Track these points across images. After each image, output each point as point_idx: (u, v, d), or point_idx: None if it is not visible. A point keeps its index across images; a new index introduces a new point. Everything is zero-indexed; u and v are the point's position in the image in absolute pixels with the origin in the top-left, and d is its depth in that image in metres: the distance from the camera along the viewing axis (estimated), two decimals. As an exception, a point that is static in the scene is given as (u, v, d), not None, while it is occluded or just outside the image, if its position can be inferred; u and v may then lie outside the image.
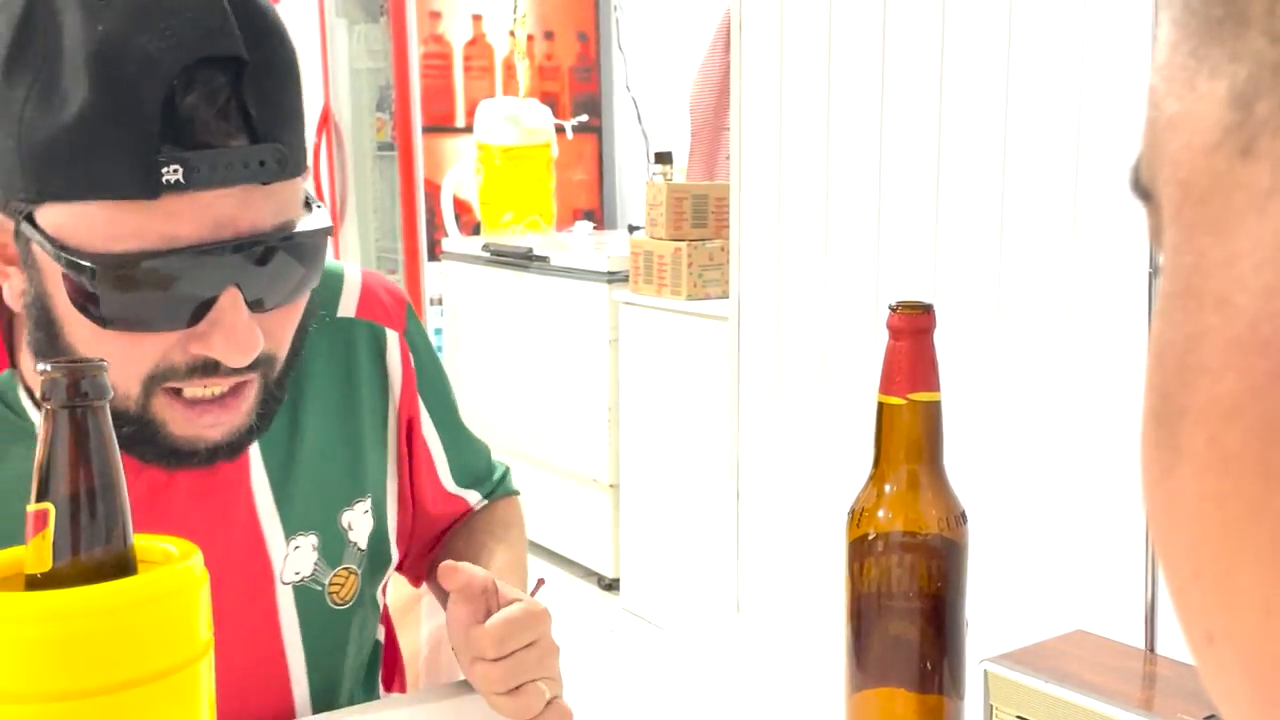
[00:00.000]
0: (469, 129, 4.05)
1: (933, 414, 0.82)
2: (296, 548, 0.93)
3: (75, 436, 0.55)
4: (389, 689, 1.15)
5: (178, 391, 0.80)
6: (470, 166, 4.03)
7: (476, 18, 4.23)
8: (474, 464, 1.12)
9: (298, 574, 0.94)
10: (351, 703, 1.03)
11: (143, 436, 0.80)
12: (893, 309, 0.82)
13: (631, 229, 3.64)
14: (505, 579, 0.94)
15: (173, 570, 0.58)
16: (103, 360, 0.57)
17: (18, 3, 0.73)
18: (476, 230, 4.05)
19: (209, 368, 0.79)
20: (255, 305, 0.78)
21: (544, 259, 3.36)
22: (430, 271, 4.06)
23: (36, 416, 0.85)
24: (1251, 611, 0.22)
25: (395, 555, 1.04)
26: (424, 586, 1.16)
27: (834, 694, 0.87)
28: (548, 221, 3.93)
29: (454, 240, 3.92)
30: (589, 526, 3.30)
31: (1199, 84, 0.23)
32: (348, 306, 0.99)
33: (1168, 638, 0.79)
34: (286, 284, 0.80)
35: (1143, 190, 0.27)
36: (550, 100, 4.13)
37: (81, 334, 0.78)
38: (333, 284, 0.98)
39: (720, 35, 3.11)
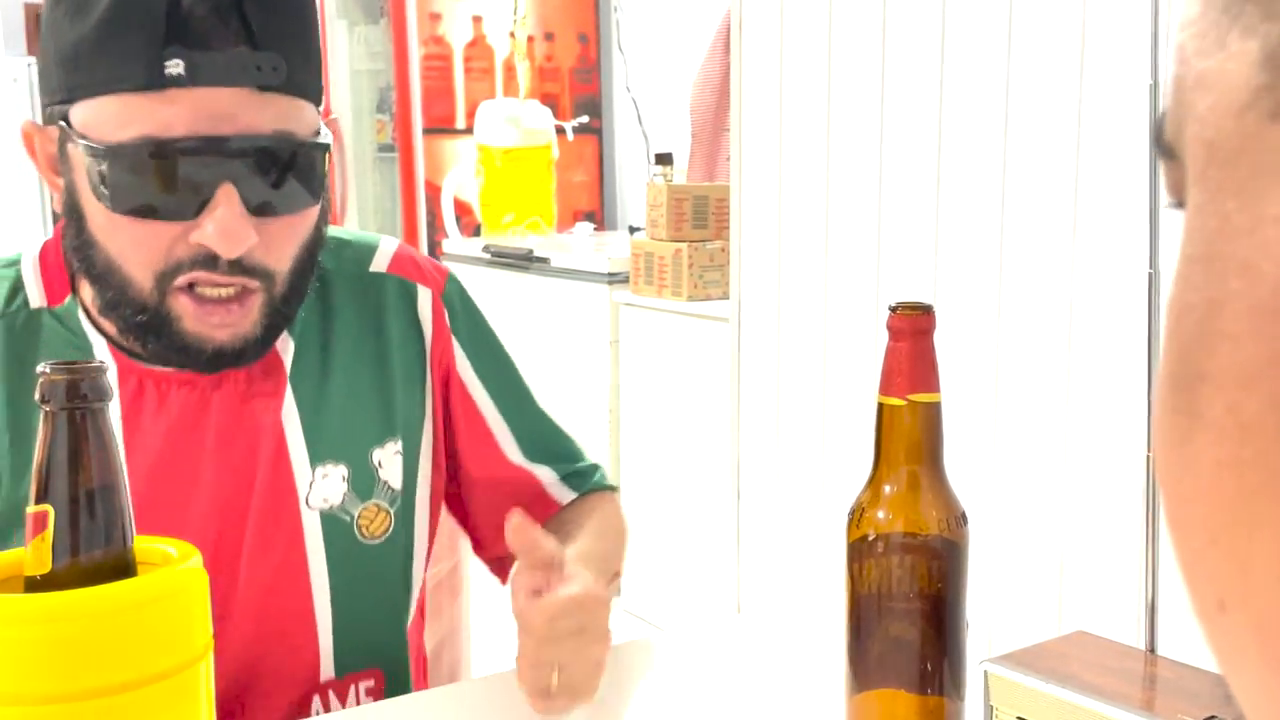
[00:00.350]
0: (469, 130, 4.05)
1: (933, 415, 0.82)
2: (325, 476, 0.98)
3: (75, 438, 0.55)
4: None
5: (190, 290, 0.86)
6: (471, 168, 4.03)
7: (477, 19, 4.23)
8: (548, 440, 1.14)
9: (325, 501, 0.98)
10: (375, 656, 1.04)
11: (154, 328, 0.87)
12: (893, 310, 0.82)
13: (632, 230, 3.64)
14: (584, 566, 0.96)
15: (172, 572, 0.58)
16: (102, 363, 0.57)
17: None
18: (477, 231, 4.05)
19: (210, 262, 0.85)
20: (254, 208, 0.85)
21: (544, 260, 3.36)
22: (431, 273, 4.06)
23: (95, 338, 0.93)
24: (1266, 578, 0.22)
25: (428, 510, 1.06)
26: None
27: (834, 695, 0.87)
28: (548, 223, 3.93)
29: (454, 241, 3.92)
30: (590, 528, 3.29)
31: (1230, 42, 0.23)
32: (379, 264, 1.05)
33: (1168, 638, 0.78)
34: (280, 192, 0.86)
35: (1166, 148, 0.26)
36: (550, 101, 4.13)
37: (99, 223, 0.85)
38: (367, 246, 1.06)
39: (720, 36, 3.11)
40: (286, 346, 0.99)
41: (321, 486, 0.98)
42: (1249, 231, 0.22)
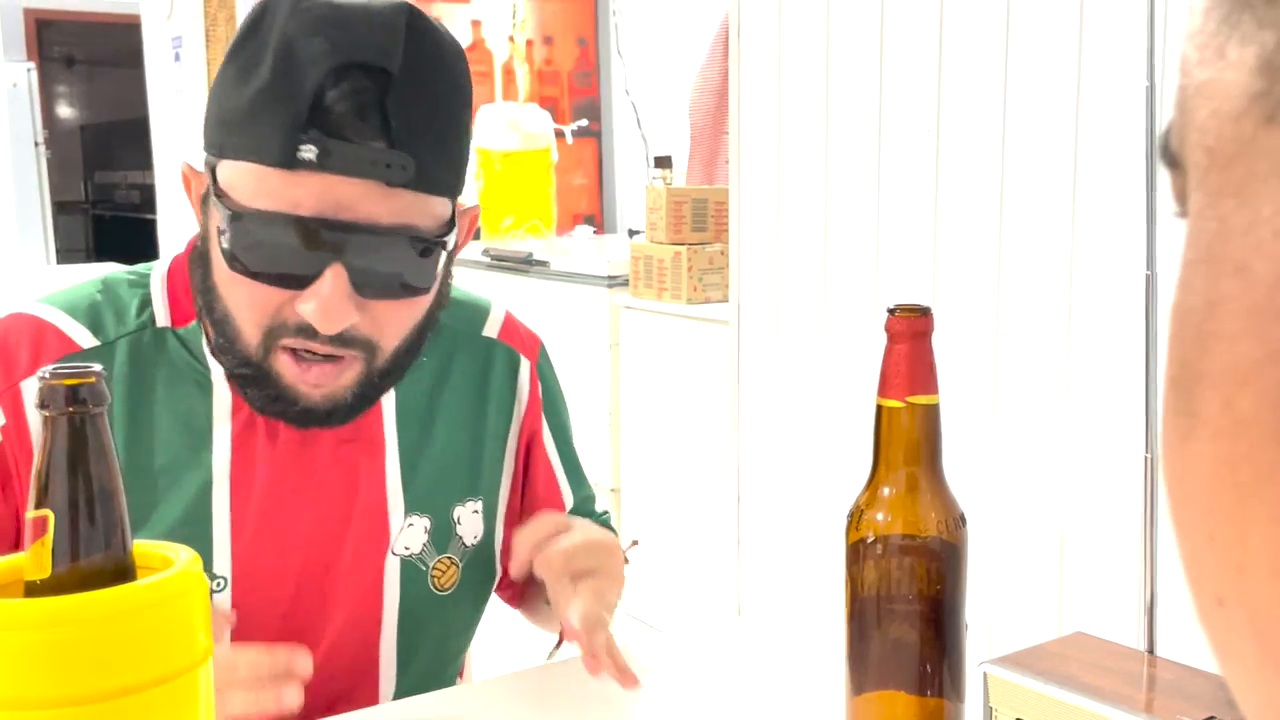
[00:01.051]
0: (469, 134, 4.05)
1: (931, 417, 0.82)
2: (410, 525, 1.03)
3: (74, 444, 0.55)
4: None
5: (293, 351, 0.92)
6: (470, 171, 4.03)
7: (475, 23, 4.23)
8: (584, 505, 1.22)
9: (407, 549, 1.03)
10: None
11: (256, 379, 0.93)
12: (891, 312, 0.82)
13: (631, 233, 3.64)
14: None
15: (172, 576, 0.58)
16: (100, 368, 0.57)
17: (258, 6, 0.90)
18: (477, 235, 4.05)
19: (310, 331, 0.90)
20: (359, 288, 0.89)
21: (544, 263, 3.37)
22: (430, 276, 4.07)
23: (215, 366, 0.98)
24: (1262, 575, 0.23)
25: (499, 568, 1.12)
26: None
27: (835, 697, 0.87)
28: (548, 226, 3.93)
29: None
30: (590, 531, 3.29)
31: (1229, 51, 0.23)
32: (491, 329, 1.13)
33: (1167, 639, 0.79)
34: (389, 278, 0.91)
35: (1171, 158, 0.26)
36: (550, 105, 4.13)
37: (221, 276, 0.92)
38: (480, 309, 1.14)
39: (719, 39, 3.11)
40: (388, 398, 1.04)
41: (407, 534, 1.04)
42: (1244, 233, 0.23)
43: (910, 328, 0.81)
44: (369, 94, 0.85)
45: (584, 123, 4.24)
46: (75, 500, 0.56)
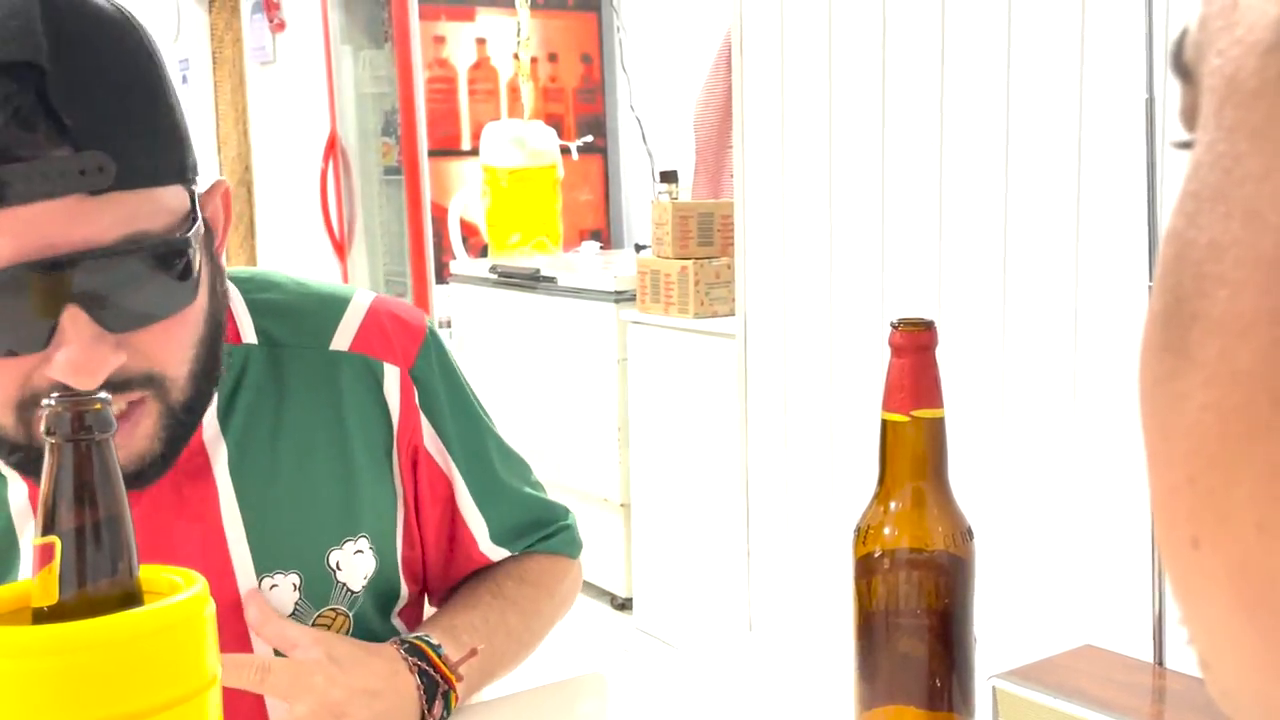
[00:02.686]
0: (475, 152, 4.07)
1: (937, 430, 0.82)
2: (274, 586, 0.90)
3: (80, 470, 0.56)
4: None
5: None
6: (476, 189, 4.04)
7: (480, 41, 4.25)
8: (515, 520, 1.06)
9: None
10: None
11: (33, 464, 0.77)
12: (894, 326, 0.82)
13: (638, 248, 3.65)
14: (485, 637, 0.95)
15: (179, 602, 0.58)
16: (107, 394, 0.57)
17: None
18: (484, 252, 4.06)
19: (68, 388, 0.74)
20: (108, 325, 0.75)
21: (551, 279, 3.37)
22: (438, 294, 4.08)
23: (7, 472, 0.85)
24: (1245, 526, 0.23)
25: (405, 592, 1.00)
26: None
27: (845, 712, 0.86)
28: (554, 242, 3.94)
29: (461, 262, 3.93)
30: (601, 546, 3.29)
31: None
32: (341, 340, 0.95)
33: (1177, 652, 0.78)
34: (142, 298, 0.76)
35: (1184, 68, 0.25)
36: (555, 121, 4.15)
37: None
38: (331, 313, 0.96)
39: (723, 54, 3.12)
40: (216, 446, 0.89)
41: (270, 597, 0.90)
42: (1259, 178, 0.22)
43: (914, 341, 0.81)
44: (26, 97, 0.69)
45: (589, 139, 4.25)
46: (81, 526, 0.56)
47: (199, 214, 0.80)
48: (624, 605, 3.28)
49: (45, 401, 0.56)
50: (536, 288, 3.42)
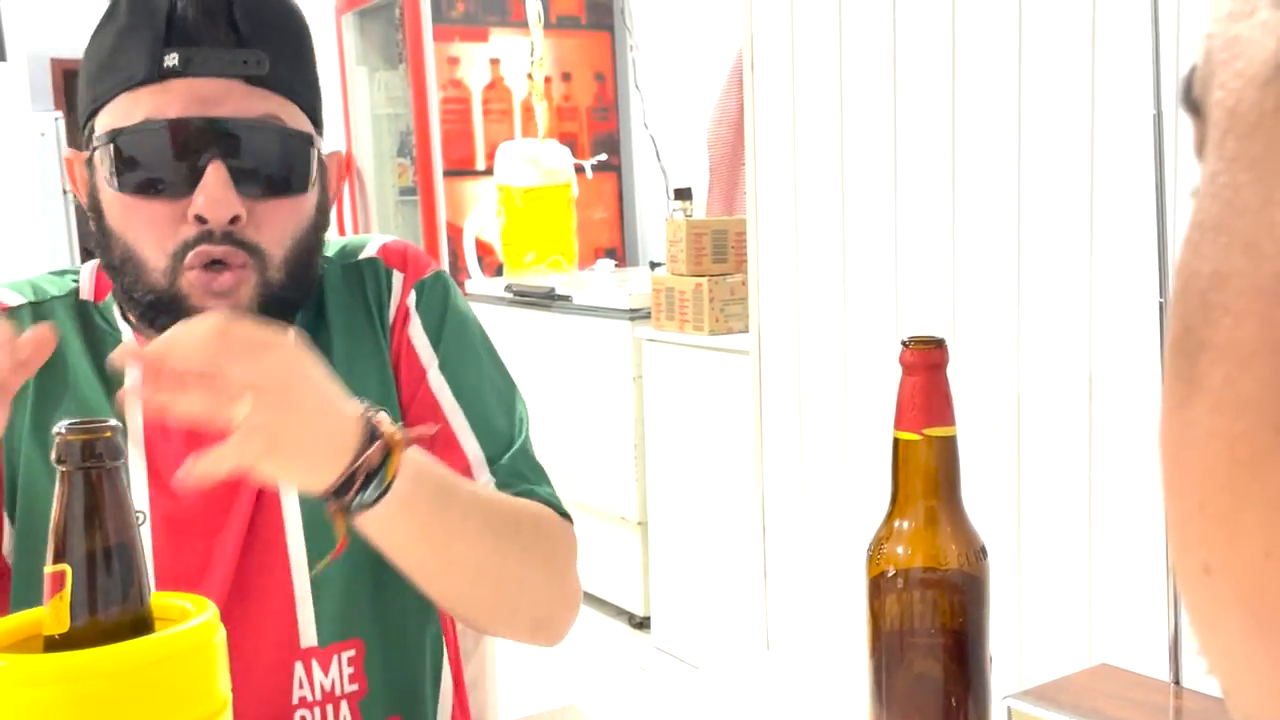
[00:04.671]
0: (489, 171, 4.08)
1: (949, 448, 0.82)
2: None
3: (90, 498, 0.56)
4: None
5: (193, 269, 0.95)
6: (491, 208, 4.06)
7: (494, 62, 4.27)
8: (497, 450, 1.08)
9: None
10: (355, 626, 1.03)
11: (166, 305, 0.95)
12: (905, 344, 0.81)
13: (653, 266, 3.65)
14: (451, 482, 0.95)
15: (190, 629, 0.58)
16: (116, 422, 0.58)
17: None
18: (499, 271, 4.07)
19: (207, 235, 0.93)
20: (240, 186, 0.94)
21: (566, 298, 3.38)
22: (454, 313, 4.08)
23: (125, 329, 1.03)
24: (1253, 552, 0.23)
25: None
26: None
27: (858, 733, 0.86)
28: (569, 260, 3.94)
29: (477, 282, 3.94)
30: (618, 564, 3.29)
31: (1261, 11, 0.23)
32: (370, 250, 1.12)
33: (1193, 671, 0.78)
34: (267, 170, 0.96)
35: (1193, 104, 0.26)
36: (569, 140, 4.16)
37: (116, 212, 0.96)
38: (362, 241, 1.13)
39: (736, 72, 3.13)
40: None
41: None
42: (1257, 209, 0.22)
43: (925, 360, 0.81)
44: (215, 0, 0.93)
45: (603, 157, 4.26)
46: (92, 554, 0.56)
47: (319, 148, 1.00)
48: (641, 624, 3.27)
49: (55, 430, 0.56)
50: (552, 306, 3.43)
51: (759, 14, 2.12)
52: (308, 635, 1.01)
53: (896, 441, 0.82)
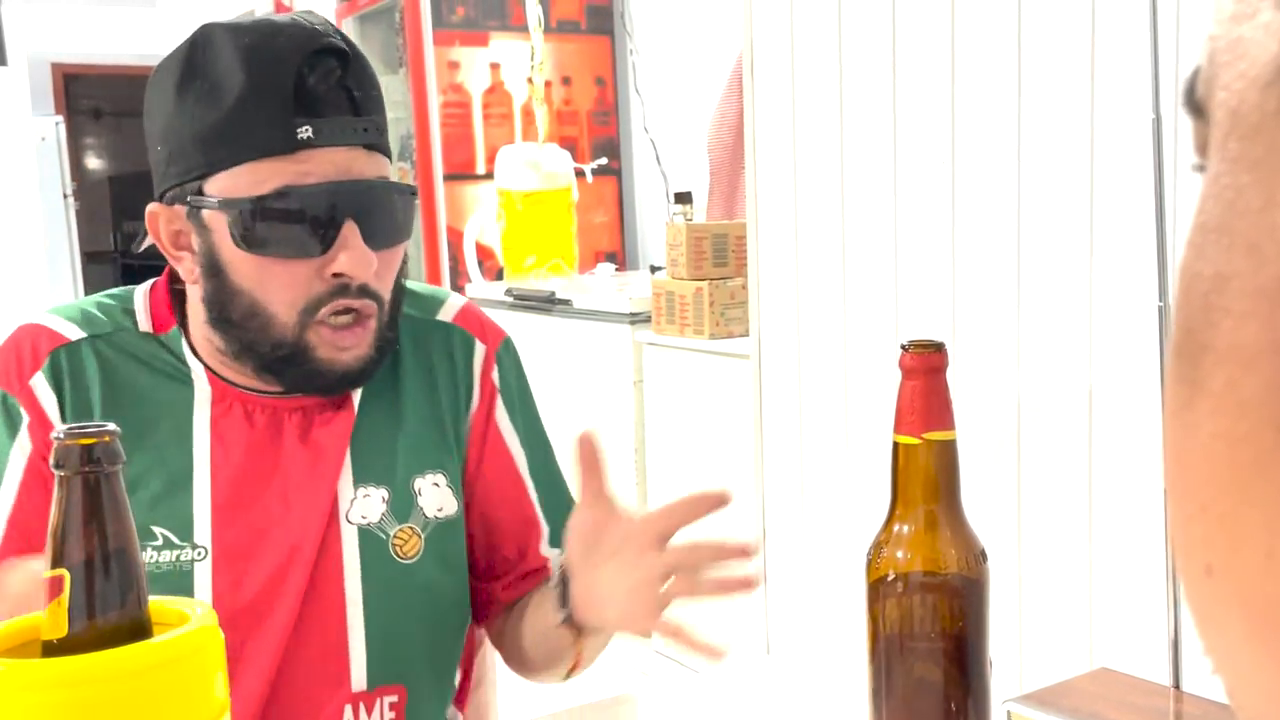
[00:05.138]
0: (489, 175, 4.08)
1: (948, 452, 0.82)
2: (366, 495, 1.09)
3: (89, 503, 0.56)
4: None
5: (325, 322, 1.02)
6: (492, 212, 4.06)
7: (494, 66, 4.27)
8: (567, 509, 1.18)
9: (364, 518, 1.08)
10: (402, 672, 1.10)
11: (291, 359, 1.03)
12: (904, 348, 0.82)
13: (653, 269, 3.65)
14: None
15: (188, 633, 0.58)
16: (115, 427, 0.58)
17: (183, 46, 1.02)
18: (499, 275, 4.07)
19: (344, 290, 1.01)
20: (369, 239, 1.01)
21: (566, 302, 3.38)
22: (455, 317, 4.08)
23: (194, 363, 1.07)
24: (1254, 553, 0.23)
25: (466, 555, 1.16)
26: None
27: (858, 738, 0.86)
28: (570, 264, 3.94)
29: (477, 286, 3.94)
30: (619, 568, 3.28)
31: (1263, 13, 0.23)
32: (447, 314, 1.18)
33: (1193, 674, 0.77)
34: (389, 225, 1.04)
35: (1196, 106, 0.26)
36: (569, 144, 4.16)
37: (245, 270, 1.01)
38: (437, 298, 1.20)
39: (735, 76, 3.13)
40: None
41: (361, 504, 1.08)
42: (1259, 211, 0.22)
43: (924, 364, 0.81)
44: (336, 71, 1.00)
45: (604, 161, 4.26)
46: (91, 559, 0.56)
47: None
48: (642, 628, 3.26)
49: (53, 435, 0.56)
50: (552, 310, 3.43)
51: (759, 18, 2.12)
52: (358, 679, 1.07)
53: (896, 445, 0.82)
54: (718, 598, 0.99)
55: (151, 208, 1.05)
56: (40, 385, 1.04)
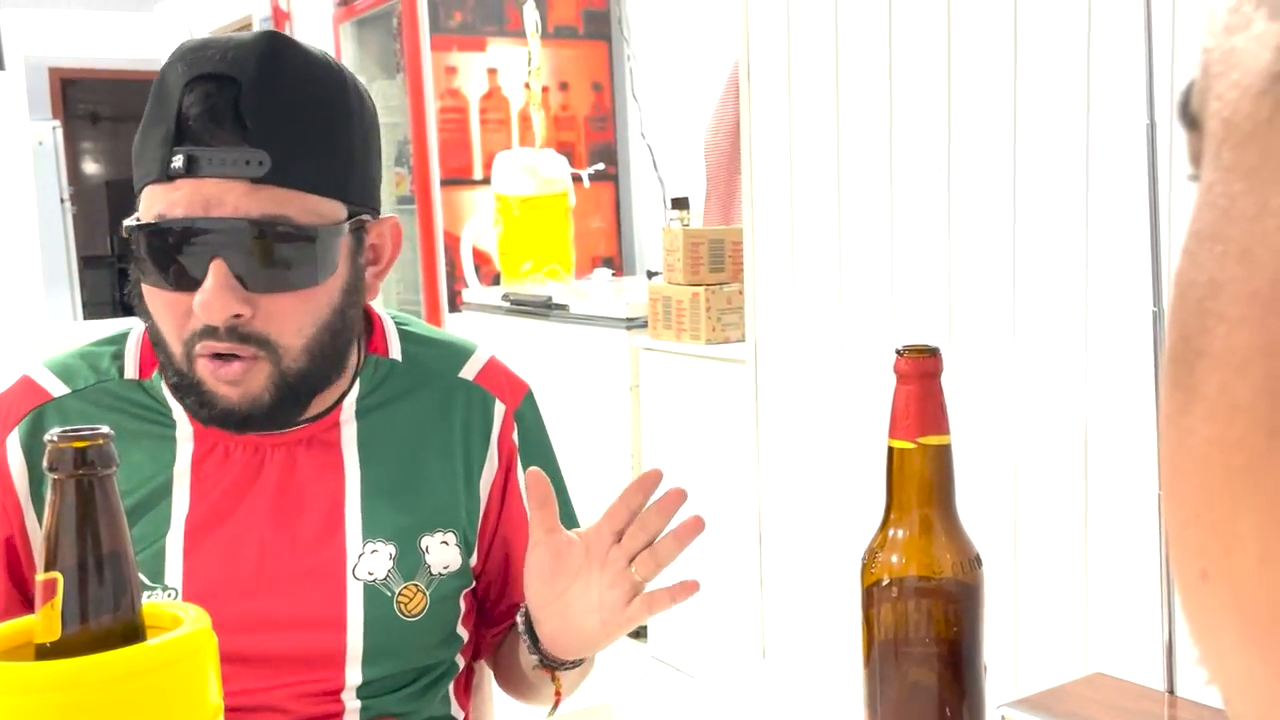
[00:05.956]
0: (487, 181, 4.08)
1: (943, 457, 0.82)
2: (373, 551, 1.07)
3: (82, 506, 0.56)
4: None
5: (208, 355, 0.99)
6: (489, 217, 4.06)
7: (492, 71, 4.27)
8: None
9: (370, 574, 1.06)
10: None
11: (186, 388, 1.01)
12: (899, 353, 0.82)
13: (650, 275, 3.65)
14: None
15: (182, 636, 0.58)
16: (108, 430, 0.58)
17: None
18: (496, 280, 4.07)
19: (211, 330, 0.97)
20: (244, 281, 0.97)
21: (563, 307, 3.38)
22: (451, 322, 4.09)
23: (175, 405, 1.06)
24: (1248, 558, 0.23)
25: (463, 606, 1.14)
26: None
27: (853, 742, 0.86)
28: (566, 270, 3.94)
29: (474, 291, 3.94)
30: (615, 574, 3.28)
31: (1256, 24, 0.23)
32: (469, 371, 1.16)
33: (1188, 679, 0.77)
34: (272, 269, 0.98)
35: (1191, 117, 0.26)
36: (566, 150, 4.16)
37: (147, 295, 1.00)
38: (461, 352, 1.17)
39: (732, 81, 3.13)
40: (349, 426, 1.10)
41: (369, 560, 1.07)
42: (1252, 218, 0.23)
43: (919, 368, 0.81)
44: (219, 99, 0.95)
45: (601, 166, 4.27)
46: (84, 562, 0.56)
47: (352, 229, 1.02)
48: (638, 633, 3.26)
49: (47, 438, 0.56)
50: (549, 315, 3.43)
51: (755, 24, 2.12)
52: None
53: (891, 450, 0.82)
54: (679, 552, 1.01)
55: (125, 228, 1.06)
56: (12, 444, 1.04)
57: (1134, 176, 1.51)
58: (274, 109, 0.96)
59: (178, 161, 0.95)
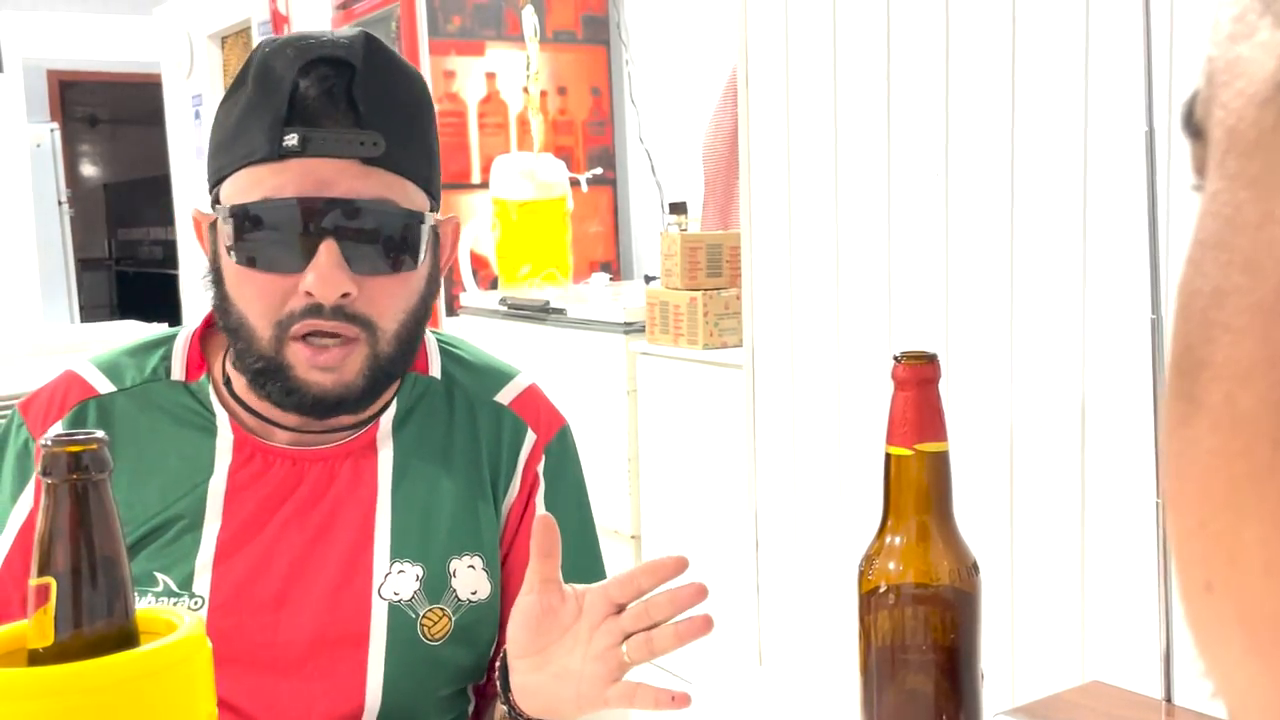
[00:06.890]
0: (484, 185, 4.08)
1: (940, 464, 0.82)
2: (400, 571, 1.06)
3: (76, 511, 0.56)
4: None
5: (303, 339, 0.99)
6: (486, 221, 4.06)
7: (490, 75, 4.27)
8: None
9: (396, 594, 1.06)
10: None
11: (271, 373, 1.00)
12: (897, 360, 0.81)
13: (647, 279, 3.65)
14: None
15: (175, 642, 0.58)
16: (103, 434, 0.57)
17: (246, 61, 1.02)
18: (494, 284, 4.07)
19: (317, 309, 0.97)
20: (352, 264, 0.97)
21: (561, 311, 3.38)
22: (448, 326, 4.08)
23: (219, 411, 1.06)
24: (1253, 568, 0.23)
25: (495, 634, 1.12)
26: None
27: (850, 750, 0.86)
28: (564, 274, 3.94)
29: (472, 295, 3.94)
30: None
31: (1261, 32, 0.23)
32: (506, 396, 1.16)
33: (1185, 688, 0.77)
34: (376, 251, 0.99)
35: (1195, 127, 0.26)
36: (564, 154, 4.16)
37: (232, 280, 1.00)
38: (501, 376, 1.17)
39: (731, 86, 3.13)
40: (385, 443, 1.10)
41: (395, 580, 1.06)
42: (1257, 227, 0.23)
43: (917, 375, 0.81)
44: (336, 81, 0.97)
45: (599, 171, 4.27)
46: (77, 567, 0.56)
47: (432, 220, 1.04)
48: (635, 638, 3.26)
49: (41, 442, 0.56)
50: (546, 319, 3.43)
51: (754, 30, 2.12)
52: None
53: (888, 457, 0.82)
54: (676, 648, 0.97)
55: (194, 212, 1.06)
56: None
57: (1132, 183, 1.51)
58: (385, 95, 0.99)
59: (291, 140, 0.95)
